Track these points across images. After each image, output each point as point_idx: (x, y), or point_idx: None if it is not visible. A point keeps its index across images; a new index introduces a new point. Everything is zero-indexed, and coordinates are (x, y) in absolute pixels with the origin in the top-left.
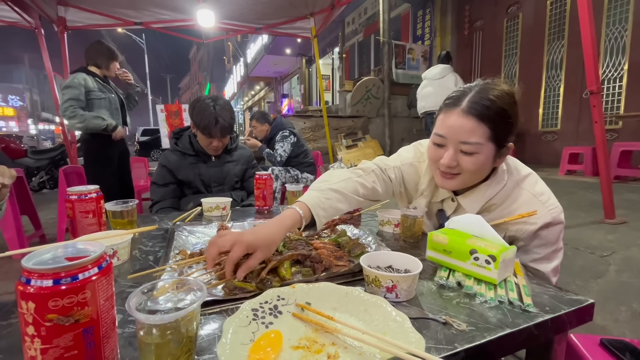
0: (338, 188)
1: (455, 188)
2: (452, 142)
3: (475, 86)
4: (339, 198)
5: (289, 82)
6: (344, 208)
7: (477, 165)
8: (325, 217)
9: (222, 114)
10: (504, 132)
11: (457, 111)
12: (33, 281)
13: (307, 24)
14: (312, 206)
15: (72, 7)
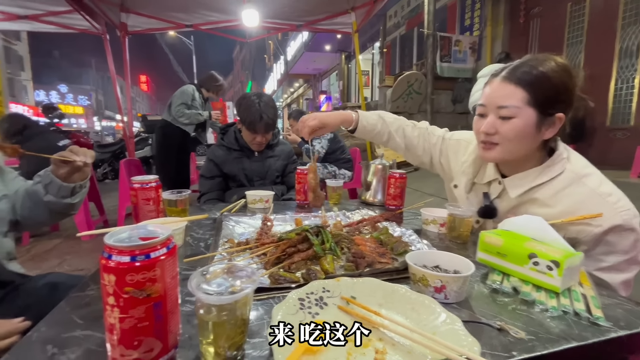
0: (385, 118)
1: (496, 159)
2: (491, 109)
3: (520, 60)
4: (381, 124)
5: (328, 78)
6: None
7: (515, 130)
8: (365, 128)
9: (266, 111)
10: (546, 98)
11: (498, 79)
12: (114, 256)
13: (347, 19)
14: (361, 115)
15: (132, 13)
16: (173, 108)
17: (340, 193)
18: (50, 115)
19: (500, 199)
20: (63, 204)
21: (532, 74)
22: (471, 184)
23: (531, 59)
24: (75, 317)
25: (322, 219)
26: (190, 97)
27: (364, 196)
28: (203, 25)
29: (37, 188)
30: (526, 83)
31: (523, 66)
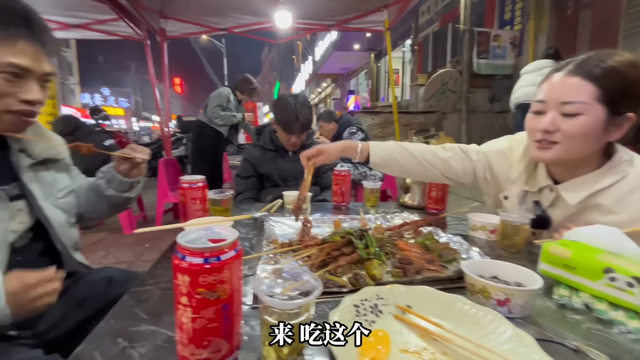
0: (403, 145)
1: (553, 160)
2: (552, 105)
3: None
4: (400, 151)
5: (356, 78)
6: (401, 160)
7: (581, 129)
8: (380, 157)
9: (302, 111)
10: (618, 95)
11: (561, 73)
12: (187, 257)
13: (379, 16)
14: (372, 145)
15: (170, 19)
16: (209, 109)
17: (377, 195)
18: (95, 116)
19: (554, 207)
20: (122, 198)
21: (603, 67)
22: (524, 192)
23: (599, 53)
24: (139, 311)
25: (362, 221)
26: (226, 99)
27: (402, 199)
28: (236, 28)
29: (100, 183)
30: (596, 77)
31: (591, 59)
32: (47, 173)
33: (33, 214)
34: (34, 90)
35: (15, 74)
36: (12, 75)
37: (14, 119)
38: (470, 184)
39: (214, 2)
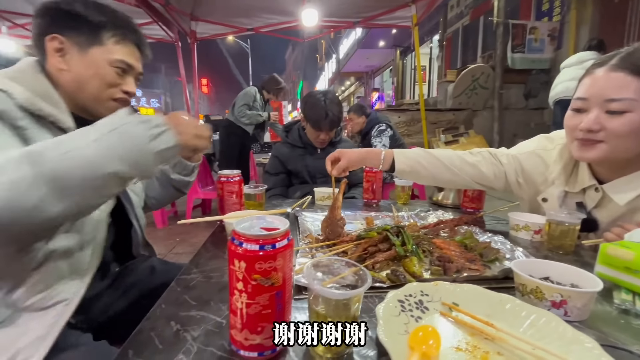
0: (429, 151)
1: (597, 159)
2: (595, 103)
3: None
4: (426, 157)
5: (381, 75)
6: (429, 167)
7: (629, 127)
8: (406, 163)
9: (331, 108)
10: None
11: (604, 68)
12: (244, 244)
13: (407, 12)
14: (397, 152)
15: (201, 20)
16: (236, 109)
17: (409, 193)
18: None
19: (599, 208)
20: (185, 182)
21: None
22: (564, 193)
23: None
24: (188, 298)
25: (395, 219)
26: (252, 99)
27: (435, 197)
28: (263, 28)
29: (165, 168)
30: None
31: (637, 52)
32: None
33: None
34: (131, 84)
35: (123, 69)
36: (120, 70)
37: (115, 106)
38: (501, 189)
39: (242, 3)
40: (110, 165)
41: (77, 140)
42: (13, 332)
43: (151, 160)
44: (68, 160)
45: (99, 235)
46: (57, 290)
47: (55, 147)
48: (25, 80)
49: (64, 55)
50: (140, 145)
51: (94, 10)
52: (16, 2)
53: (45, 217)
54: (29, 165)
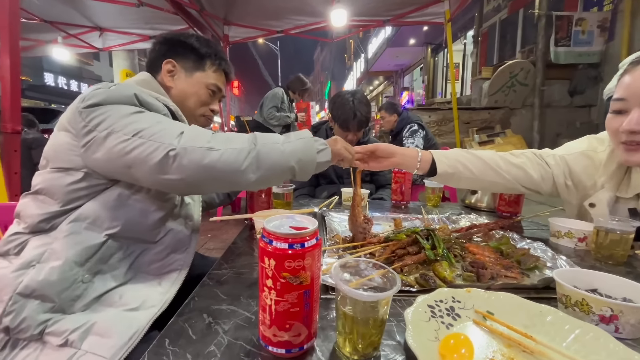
0: (470, 151)
1: None
2: (635, 103)
3: None
4: (469, 159)
5: (410, 74)
6: (472, 168)
7: None
8: (447, 165)
9: (360, 108)
10: None
11: None
12: (274, 242)
13: (440, 8)
14: (436, 153)
15: (233, 25)
16: (265, 110)
17: (439, 195)
18: None
19: None
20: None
21: None
22: (615, 199)
23: None
24: (220, 292)
25: (425, 221)
26: (280, 100)
27: (467, 199)
28: (292, 29)
29: None
30: None
31: None
32: None
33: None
34: (216, 104)
35: (213, 92)
36: (212, 92)
37: (204, 121)
38: (548, 193)
39: (272, 6)
40: (292, 161)
41: (279, 138)
42: (140, 287)
43: (313, 166)
44: (271, 149)
45: (196, 221)
46: (170, 261)
47: (267, 138)
48: (153, 89)
49: (173, 76)
50: (311, 153)
51: (203, 45)
52: (69, 14)
53: (243, 179)
54: (249, 143)
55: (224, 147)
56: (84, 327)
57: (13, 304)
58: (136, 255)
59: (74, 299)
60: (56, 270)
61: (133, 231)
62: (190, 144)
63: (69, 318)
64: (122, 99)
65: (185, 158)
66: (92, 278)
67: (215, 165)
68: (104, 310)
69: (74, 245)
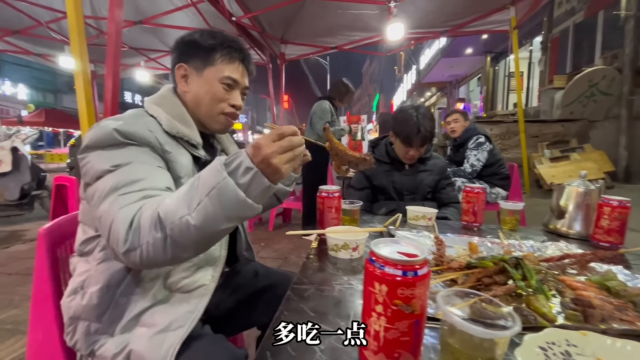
0: None
1: None
2: None
3: None
4: None
5: (467, 85)
6: None
7: None
8: None
9: (424, 123)
10: None
11: None
12: (386, 268)
13: (504, 15)
14: None
15: (289, 43)
16: (317, 127)
17: (518, 218)
18: None
19: None
20: (284, 191)
21: None
22: None
23: None
24: (306, 308)
25: (505, 247)
26: (329, 113)
27: (552, 224)
28: (346, 45)
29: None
30: None
31: None
32: None
33: None
34: (238, 98)
35: (229, 85)
36: (227, 86)
37: (224, 120)
38: None
39: (327, 24)
40: (217, 226)
41: (184, 202)
42: (169, 307)
43: (251, 208)
44: (183, 227)
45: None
46: (197, 277)
47: (172, 213)
48: (166, 104)
49: (187, 79)
50: (237, 200)
51: (207, 37)
52: (150, 41)
53: (179, 261)
54: (157, 230)
55: (138, 242)
56: (124, 353)
57: (68, 326)
58: (165, 274)
59: (114, 320)
60: (95, 295)
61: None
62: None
63: (112, 341)
64: (103, 140)
65: (126, 260)
66: (128, 299)
67: (143, 264)
68: (140, 332)
69: (106, 270)
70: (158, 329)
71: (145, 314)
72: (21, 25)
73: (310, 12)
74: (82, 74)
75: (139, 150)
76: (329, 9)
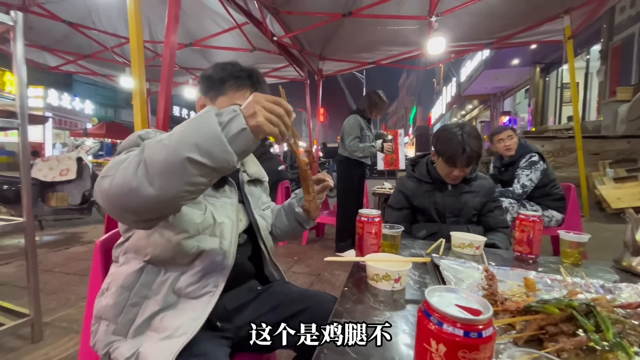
0: None
1: None
2: None
3: None
4: None
5: (513, 97)
6: None
7: None
8: None
9: (469, 142)
10: None
11: None
12: (445, 325)
13: (557, 24)
14: None
15: (328, 60)
16: (347, 143)
17: (582, 250)
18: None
19: None
20: (306, 218)
21: None
22: None
23: None
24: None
25: (569, 287)
26: (359, 128)
27: (626, 261)
28: (384, 60)
29: (292, 201)
30: None
31: None
32: (255, 189)
33: (248, 217)
34: None
35: None
36: None
37: None
38: None
39: (365, 39)
40: (186, 151)
41: (170, 134)
42: (177, 313)
43: (223, 146)
44: (157, 147)
45: (233, 240)
46: (205, 283)
47: (156, 140)
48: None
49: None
50: (212, 131)
51: (219, 70)
52: (198, 60)
53: (145, 198)
54: (136, 156)
55: (114, 171)
56: (134, 357)
57: (93, 325)
58: (174, 279)
59: (128, 322)
60: (113, 295)
61: (164, 254)
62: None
63: (125, 344)
64: (129, 142)
65: (95, 189)
66: (141, 302)
67: (110, 192)
68: (150, 336)
69: (124, 273)
70: (165, 335)
71: (155, 318)
72: (91, 50)
73: (349, 30)
74: (139, 92)
75: None
76: (367, 25)
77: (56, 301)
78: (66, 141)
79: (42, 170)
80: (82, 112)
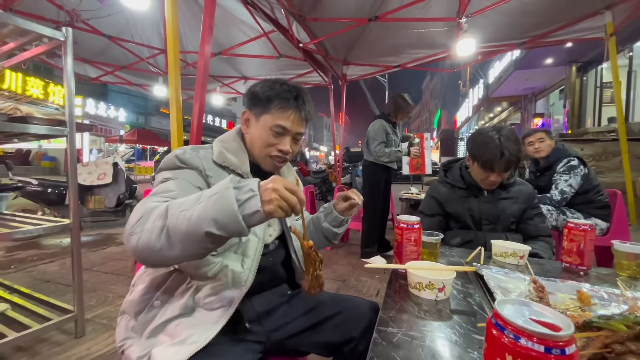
0: None
1: None
2: None
3: None
4: None
5: (546, 98)
6: None
7: None
8: None
9: (508, 146)
10: None
11: None
12: (522, 340)
13: (597, 21)
14: None
15: (352, 64)
16: (372, 148)
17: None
18: None
19: None
20: (333, 232)
21: None
22: None
23: None
24: (397, 356)
25: (629, 302)
26: (384, 133)
27: None
28: (409, 63)
29: (320, 215)
30: None
31: None
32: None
33: (281, 225)
34: (286, 144)
35: (279, 133)
36: (277, 133)
37: (271, 162)
38: None
39: (391, 43)
40: (206, 226)
41: (191, 201)
42: (192, 321)
43: (238, 223)
44: (180, 218)
45: (256, 258)
46: (221, 297)
47: (178, 206)
48: (227, 140)
49: (248, 123)
50: (229, 209)
51: (266, 88)
52: (225, 68)
53: (167, 258)
54: (160, 219)
55: (141, 229)
56: (145, 357)
57: (119, 316)
58: (195, 288)
59: (146, 322)
60: (139, 293)
61: (191, 265)
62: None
63: (138, 344)
64: (168, 163)
65: (125, 242)
66: (162, 305)
67: (137, 249)
68: (162, 339)
69: (152, 273)
70: (176, 340)
71: (171, 323)
72: (127, 61)
73: (374, 34)
74: (175, 101)
75: (188, 172)
76: (393, 29)
77: (96, 299)
78: (101, 147)
79: (82, 174)
80: (116, 120)
